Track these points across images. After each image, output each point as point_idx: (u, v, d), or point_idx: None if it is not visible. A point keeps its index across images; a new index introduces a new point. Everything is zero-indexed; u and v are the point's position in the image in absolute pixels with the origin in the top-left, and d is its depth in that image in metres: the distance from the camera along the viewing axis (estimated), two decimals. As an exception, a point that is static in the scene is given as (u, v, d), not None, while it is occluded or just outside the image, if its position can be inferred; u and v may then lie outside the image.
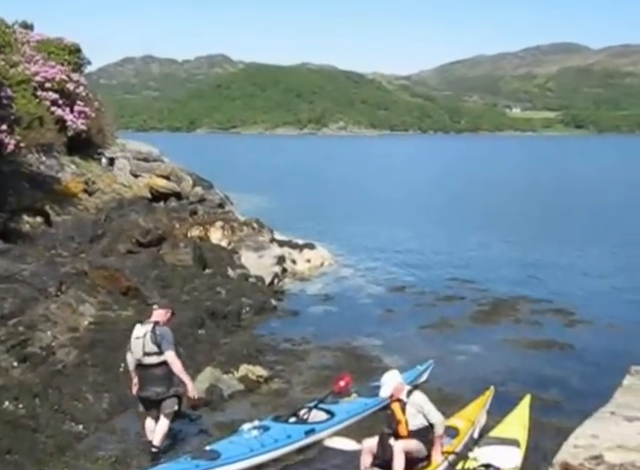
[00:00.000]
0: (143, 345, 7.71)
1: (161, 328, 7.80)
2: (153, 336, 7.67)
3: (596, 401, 7.27)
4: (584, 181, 55.33)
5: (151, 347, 7.69)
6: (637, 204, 38.03)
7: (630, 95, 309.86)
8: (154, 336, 7.67)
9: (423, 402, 7.26)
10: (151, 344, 7.68)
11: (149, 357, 7.71)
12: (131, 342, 7.90)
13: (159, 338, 7.67)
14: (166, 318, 8.03)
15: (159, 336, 7.68)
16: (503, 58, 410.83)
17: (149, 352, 7.70)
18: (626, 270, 20.04)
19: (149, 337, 7.69)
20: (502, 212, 34.25)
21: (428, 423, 7.26)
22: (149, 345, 7.69)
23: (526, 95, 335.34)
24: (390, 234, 26.61)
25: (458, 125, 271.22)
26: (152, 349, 7.69)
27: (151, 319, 7.99)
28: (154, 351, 7.69)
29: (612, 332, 13.89)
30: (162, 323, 7.90)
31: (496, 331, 13.90)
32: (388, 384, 7.26)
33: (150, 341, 7.68)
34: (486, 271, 19.70)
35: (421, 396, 7.32)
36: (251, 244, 18.32)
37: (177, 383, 7.98)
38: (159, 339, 7.66)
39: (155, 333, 7.69)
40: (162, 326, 7.86)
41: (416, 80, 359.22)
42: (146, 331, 7.75)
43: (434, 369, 10.77)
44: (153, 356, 7.70)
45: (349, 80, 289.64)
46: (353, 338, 13.03)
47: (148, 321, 7.95)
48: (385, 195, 42.18)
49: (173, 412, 7.98)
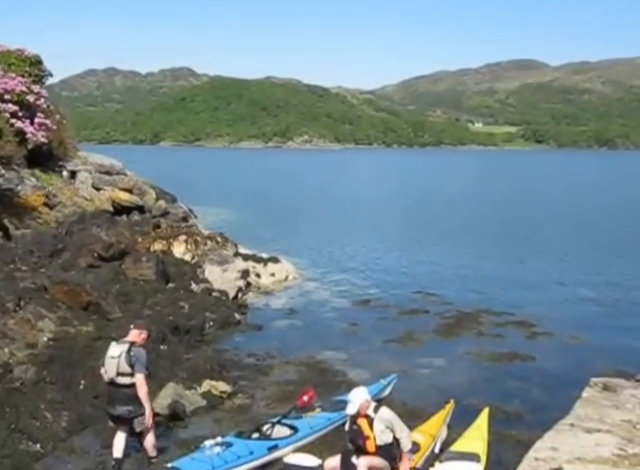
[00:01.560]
0: (117, 365, 7.68)
1: (137, 349, 7.77)
2: (128, 357, 7.65)
3: (556, 413, 7.40)
4: (543, 195, 56.36)
5: (125, 368, 7.66)
6: (596, 217, 38.87)
7: (587, 111, 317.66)
8: (129, 357, 7.65)
9: (391, 418, 7.26)
10: (126, 365, 7.65)
11: (122, 377, 7.68)
12: (105, 360, 7.85)
13: (133, 359, 7.65)
14: (142, 338, 7.99)
15: (133, 357, 7.66)
16: (465, 74, 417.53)
17: (123, 372, 7.67)
18: (587, 282, 20.40)
19: (124, 358, 7.66)
20: (464, 225, 34.62)
21: (394, 439, 7.25)
22: (123, 366, 7.66)
23: (488, 110, 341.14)
24: (354, 247, 26.70)
25: (422, 139, 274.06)
26: (126, 370, 7.66)
27: (127, 338, 7.92)
28: (128, 372, 7.66)
29: (573, 344, 14.10)
30: (138, 344, 7.87)
31: (459, 344, 14.00)
32: (355, 401, 7.23)
33: (125, 362, 7.65)
34: (450, 284, 19.86)
35: (389, 412, 7.31)
36: (215, 258, 18.19)
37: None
38: (133, 360, 7.64)
39: (130, 354, 7.66)
40: (138, 347, 7.82)
41: (380, 95, 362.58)
42: (121, 352, 7.71)
43: (397, 383, 10.79)
44: (127, 377, 7.67)
45: (314, 94, 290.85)
46: (317, 352, 13.00)
47: (123, 340, 7.89)
48: (349, 209, 42.36)
49: (150, 428, 7.99)
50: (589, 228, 33.64)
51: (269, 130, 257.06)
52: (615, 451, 5.95)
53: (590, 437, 6.32)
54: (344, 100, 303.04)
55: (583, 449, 6.03)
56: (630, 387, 8.00)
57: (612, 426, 6.57)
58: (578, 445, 6.15)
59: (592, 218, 38.31)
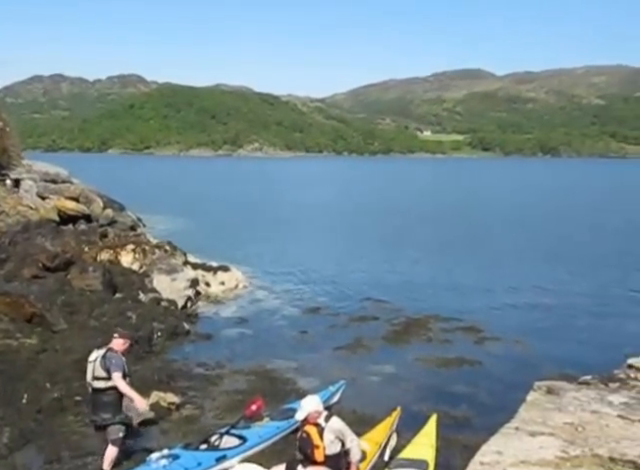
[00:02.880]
0: (93, 369, 7.86)
1: (113, 354, 7.89)
2: (103, 361, 7.80)
3: (503, 417, 7.51)
4: (490, 202, 57.40)
5: (100, 372, 7.80)
6: (541, 223, 39.78)
7: (532, 119, 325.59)
8: (104, 361, 7.79)
9: (342, 428, 7.24)
10: (100, 369, 7.79)
11: (98, 381, 7.82)
12: (87, 365, 8.04)
13: (108, 363, 7.78)
14: (123, 347, 8.14)
15: (108, 361, 7.79)
16: (414, 82, 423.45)
17: (98, 376, 7.81)
18: (532, 287, 20.84)
19: (99, 362, 7.82)
20: (413, 233, 35.00)
21: (343, 449, 7.24)
22: (98, 370, 7.81)
23: (436, 118, 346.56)
24: (305, 255, 26.73)
25: (371, 147, 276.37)
26: (101, 374, 7.80)
27: (108, 345, 8.06)
28: (102, 376, 7.79)
29: (518, 348, 14.37)
30: (116, 350, 7.99)
31: (408, 350, 14.13)
32: (305, 407, 7.20)
33: (99, 366, 7.80)
34: (399, 291, 20.03)
35: (339, 422, 7.29)
36: (163, 267, 17.96)
37: (125, 410, 8.07)
38: (108, 364, 7.77)
39: (105, 358, 7.81)
40: (115, 353, 7.94)
41: (330, 103, 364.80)
42: (98, 356, 7.88)
43: (346, 390, 10.80)
44: (101, 381, 7.80)
45: (264, 102, 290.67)
46: (267, 361, 12.94)
47: (104, 346, 8.05)
48: (299, 217, 42.41)
49: (119, 439, 8.02)
50: (535, 235, 34.40)
51: (219, 138, 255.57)
52: (558, 453, 6.08)
53: (534, 440, 6.45)
54: (294, 108, 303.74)
55: (527, 452, 6.15)
56: (572, 390, 8.20)
57: (555, 429, 6.71)
58: (522, 448, 6.26)
59: (537, 225, 39.19)
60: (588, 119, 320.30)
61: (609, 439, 6.40)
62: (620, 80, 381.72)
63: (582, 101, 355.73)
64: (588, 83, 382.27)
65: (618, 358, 12.21)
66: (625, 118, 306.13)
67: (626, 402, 7.60)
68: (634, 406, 7.46)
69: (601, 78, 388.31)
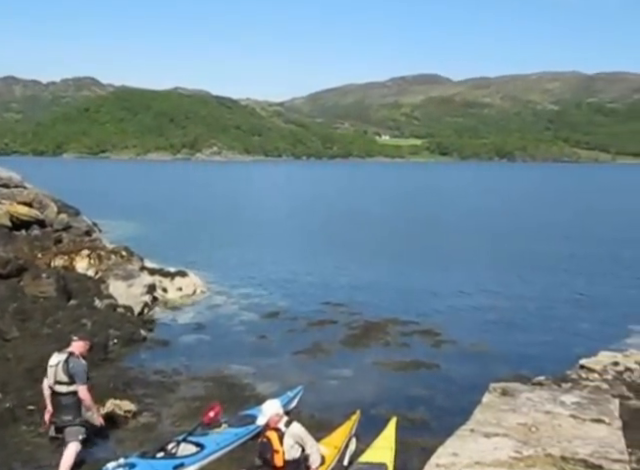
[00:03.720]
0: (55, 373, 7.96)
1: (75, 360, 8.00)
2: (65, 366, 7.92)
3: (460, 418, 7.59)
4: (445, 205, 58.16)
5: (62, 376, 7.93)
6: (498, 227, 40.40)
7: (488, 124, 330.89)
8: (66, 366, 7.91)
9: (302, 433, 7.24)
10: (62, 374, 7.92)
11: (60, 386, 7.95)
12: (47, 369, 8.12)
13: (71, 369, 7.91)
14: (84, 350, 8.27)
15: (71, 368, 7.92)
16: (372, 87, 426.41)
17: (60, 381, 7.94)
18: (488, 290, 21.15)
19: (61, 367, 7.93)
20: (372, 237, 35.23)
21: (302, 454, 7.23)
22: (60, 374, 7.93)
23: (394, 123, 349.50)
24: (263, 260, 26.65)
25: (330, 151, 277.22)
26: (62, 378, 7.93)
27: (68, 349, 8.14)
28: (64, 381, 7.93)
29: (475, 350, 14.57)
30: (78, 354, 8.10)
31: (366, 354, 14.20)
32: (267, 412, 7.18)
33: (61, 370, 7.92)
34: (357, 295, 20.11)
35: (300, 427, 7.29)
36: (120, 273, 17.69)
37: (84, 413, 8.20)
38: (71, 370, 7.91)
39: (68, 363, 7.93)
40: (77, 357, 8.05)
41: (289, 107, 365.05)
42: (59, 360, 7.98)
43: (304, 395, 10.81)
44: (63, 385, 7.94)
45: (222, 106, 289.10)
46: (225, 367, 12.87)
47: (64, 351, 8.13)
48: (258, 221, 42.27)
49: (78, 441, 8.06)
50: (491, 238, 34.90)
51: (177, 142, 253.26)
52: (511, 454, 6.17)
53: (488, 441, 6.53)
54: (253, 112, 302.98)
55: (482, 453, 6.23)
56: (526, 391, 8.33)
57: (509, 430, 6.81)
58: (477, 449, 6.34)
59: (494, 228, 39.78)
60: (542, 124, 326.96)
61: (561, 439, 6.52)
62: (573, 86, 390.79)
63: (536, 107, 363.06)
64: (542, 89, 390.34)
65: (571, 359, 12.54)
66: (578, 123, 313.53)
67: (578, 402, 7.75)
68: (586, 406, 7.62)
69: (555, 84, 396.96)
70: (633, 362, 12.43)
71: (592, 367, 11.85)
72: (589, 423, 7.03)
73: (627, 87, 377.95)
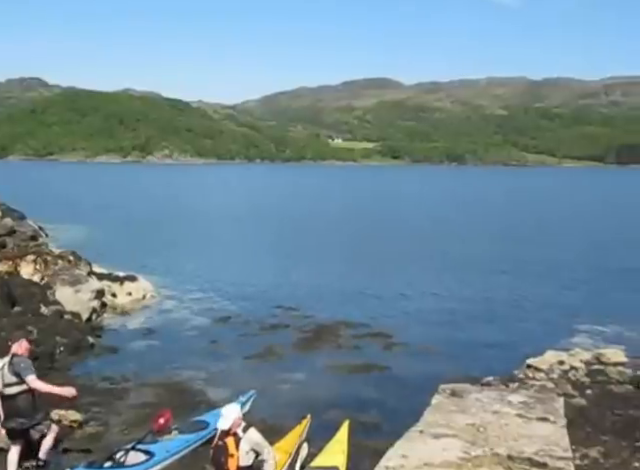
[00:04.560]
0: (2, 377, 7.85)
1: (18, 358, 7.95)
2: (11, 367, 7.85)
3: (411, 420, 7.65)
4: (397, 209, 58.68)
5: (10, 378, 7.84)
6: (450, 230, 40.95)
7: (439, 128, 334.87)
8: (12, 367, 7.85)
9: (259, 440, 7.17)
10: (10, 375, 7.83)
11: (10, 388, 7.84)
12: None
13: (16, 367, 7.84)
14: (24, 348, 8.16)
15: (16, 365, 7.86)
16: (324, 90, 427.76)
17: (9, 383, 7.84)
18: (438, 293, 21.44)
19: (7, 369, 7.86)
20: (323, 240, 35.32)
21: (256, 461, 7.17)
22: (8, 376, 7.84)
23: (346, 126, 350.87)
24: (215, 264, 26.46)
25: (283, 154, 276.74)
26: (11, 380, 7.84)
27: (11, 352, 8.10)
28: (13, 381, 7.83)
29: (425, 352, 14.74)
30: (21, 353, 8.04)
31: (318, 357, 14.22)
32: (229, 416, 7.08)
33: (8, 372, 7.84)
34: (309, 298, 20.14)
35: (256, 434, 7.22)
36: (67, 278, 17.30)
37: (41, 410, 8.23)
38: (16, 368, 7.84)
39: (12, 364, 7.87)
40: (20, 356, 7.99)
41: (241, 109, 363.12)
42: (3, 364, 7.92)
43: (256, 399, 10.74)
44: (14, 386, 7.83)
45: (174, 108, 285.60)
46: (175, 373, 12.72)
47: (7, 355, 8.07)
48: (209, 225, 41.95)
49: (51, 430, 8.13)
50: (440, 241, 35.36)
51: (127, 144, 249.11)
52: (460, 455, 6.25)
53: (437, 442, 6.60)
54: (205, 114, 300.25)
55: (431, 454, 6.29)
56: (475, 392, 8.45)
57: (458, 430, 6.89)
58: (426, 451, 6.40)
59: (443, 232, 40.31)
60: (492, 129, 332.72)
61: (508, 438, 6.63)
62: (520, 92, 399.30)
63: (486, 111, 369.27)
64: (491, 94, 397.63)
65: (518, 359, 12.78)
66: (525, 128, 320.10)
67: (524, 401, 7.90)
68: (532, 405, 7.76)
69: (503, 89, 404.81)
70: (578, 361, 12.74)
71: (539, 366, 12.10)
72: (535, 422, 7.17)
73: (571, 93, 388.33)
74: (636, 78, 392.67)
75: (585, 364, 12.58)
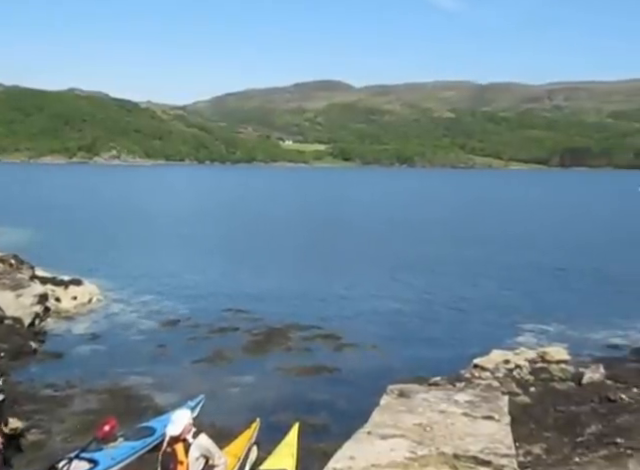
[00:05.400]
0: None
1: None
2: None
3: (361, 421, 7.68)
4: (347, 210, 58.94)
5: None
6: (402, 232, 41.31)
7: (389, 131, 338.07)
8: None
9: (209, 446, 7.06)
10: None
11: None
12: None
13: None
14: None
15: None
16: (275, 92, 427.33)
17: None
18: (388, 294, 21.60)
19: None
20: (274, 242, 35.22)
21: (206, 466, 7.07)
22: None
23: (297, 128, 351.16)
24: (163, 267, 26.08)
25: (234, 156, 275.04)
26: None
27: None
28: None
29: (375, 353, 14.83)
30: None
31: (268, 360, 14.16)
32: (179, 422, 6.95)
33: None
34: (259, 301, 20.03)
35: (207, 439, 7.11)
36: (7, 282, 16.83)
37: None
38: None
39: None
40: None
41: (191, 110, 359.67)
42: None
43: (206, 404, 10.63)
44: None
45: (122, 108, 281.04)
46: (122, 378, 12.49)
47: None
48: (157, 227, 41.38)
49: None
50: (391, 243, 35.65)
51: (73, 145, 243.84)
52: (407, 454, 6.30)
53: (385, 443, 6.65)
54: (154, 115, 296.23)
55: (378, 455, 6.33)
56: (422, 392, 8.54)
57: (405, 430, 6.95)
58: (374, 452, 6.43)
59: (393, 233, 40.66)
60: (440, 131, 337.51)
61: (454, 437, 6.72)
62: (467, 95, 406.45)
63: (434, 114, 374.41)
64: (438, 97, 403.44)
65: (465, 358, 12.97)
66: (473, 131, 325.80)
67: (470, 400, 8.02)
68: (477, 404, 7.89)
69: (450, 93, 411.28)
70: (523, 359, 13.00)
71: (485, 366, 12.30)
72: (480, 420, 7.28)
73: (516, 97, 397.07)
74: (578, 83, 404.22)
75: (529, 362, 12.84)
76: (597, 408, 9.70)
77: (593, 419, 9.11)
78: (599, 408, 9.68)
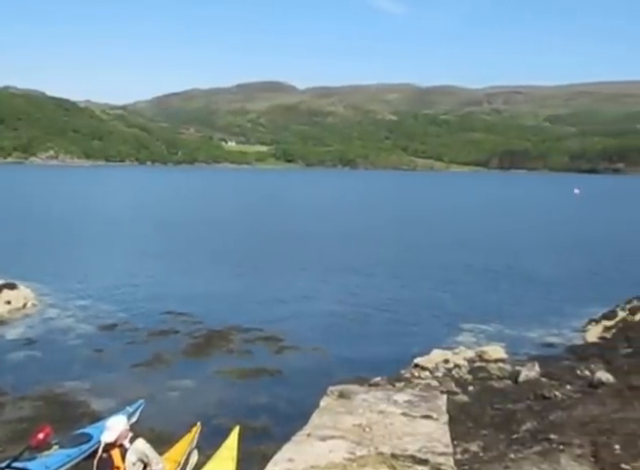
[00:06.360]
0: None
1: None
2: None
3: (301, 423, 7.66)
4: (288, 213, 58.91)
5: None
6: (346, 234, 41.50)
7: (332, 133, 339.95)
8: None
9: (147, 450, 6.97)
10: None
11: None
12: None
13: None
14: None
15: None
16: (217, 93, 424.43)
17: None
18: (327, 296, 21.68)
19: None
20: (212, 243, 34.89)
21: None
22: None
23: (240, 129, 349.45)
24: (101, 270, 25.55)
25: (176, 156, 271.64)
26: None
27: None
28: None
29: (316, 355, 14.87)
30: None
31: (209, 363, 14.03)
32: (114, 428, 6.83)
33: None
34: (200, 304, 19.81)
35: (144, 444, 7.01)
36: (-64, 287, 16.21)
37: None
38: None
39: None
40: None
41: (132, 110, 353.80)
42: None
43: (145, 408, 10.47)
44: None
45: (59, 107, 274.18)
46: (57, 384, 12.17)
47: None
48: (95, 229, 40.44)
49: None
50: (330, 245, 35.72)
51: (8, 144, 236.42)
52: (346, 455, 6.31)
53: (324, 444, 6.64)
54: (93, 115, 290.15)
55: (317, 457, 6.31)
56: (362, 392, 8.58)
57: (345, 432, 6.96)
58: (313, 453, 6.42)
59: (334, 235, 40.75)
60: (382, 133, 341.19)
61: (393, 437, 6.77)
62: (409, 98, 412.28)
63: (377, 116, 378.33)
64: (381, 99, 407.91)
65: (406, 359, 13.15)
66: (415, 134, 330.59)
67: (409, 400, 8.09)
68: (416, 403, 7.96)
69: (393, 95, 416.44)
70: (462, 359, 13.27)
71: (425, 365, 12.50)
72: (419, 420, 7.35)
73: (457, 100, 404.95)
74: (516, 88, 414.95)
75: (468, 362, 13.12)
76: (532, 405, 9.95)
77: (528, 416, 9.34)
78: (534, 405, 9.94)
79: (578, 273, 27.00)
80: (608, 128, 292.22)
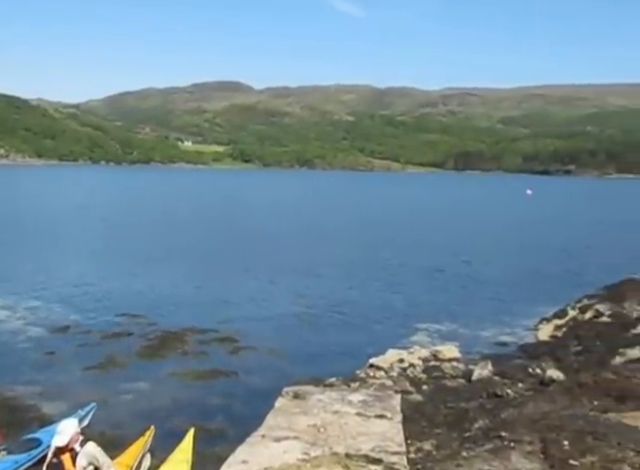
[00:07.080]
0: None
1: None
2: None
3: (256, 425, 7.63)
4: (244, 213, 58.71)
5: None
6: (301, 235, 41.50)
7: (289, 133, 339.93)
8: None
9: (97, 453, 6.86)
10: None
11: None
12: None
13: None
14: None
15: None
16: (173, 92, 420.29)
17: None
18: (283, 297, 21.64)
19: None
20: (170, 244, 34.52)
21: None
22: None
23: (197, 129, 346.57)
24: (53, 271, 25.03)
25: (130, 156, 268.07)
26: None
27: None
28: None
29: (272, 356, 14.82)
30: None
31: (163, 365, 13.87)
32: (65, 432, 6.71)
33: None
34: (155, 305, 19.59)
35: (95, 447, 6.90)
36: None
37: None
38: None
39: None
40: None
41: (85, 109, 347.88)
42: None
43: (97, 412, 10.29)
44: None
45: (10, 105, 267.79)
46: (5, 388, 11.89)
47: None
48: (45, 229, 39.62)
49: None
50: (288, 247, 35.62)
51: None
52: (300, 456, 6.31)
53: (278, 445, 6.63)
54: (45, 113, 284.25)
55: (271, 458, 6.30)
56: (317, 393, 8.59)
57: (299, 432, 6.96)
58: (267, 455, 6.40)
59: (291, 237, 40.70)
60: (340, 134, 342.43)
61: (347, 436, 6.79)
62: (366, 99, 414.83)
63: (334, 117, 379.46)
64: (338, 100, 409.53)
65: (361, 359, 13.21)
66: (372, 134, 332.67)
67: (364, 400, 8.13)
68: (371, 403, 8.01)
69: (350, 96, 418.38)
70: (416, 358, 13.38)
71: (380, 365, 12.56)
72: (373, 419, 7.40)
73: (414, 102, 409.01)
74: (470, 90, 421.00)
75: (423, 361, 13.24)
76: (485, 403, 10.08)
77: (481, 414, 9.45)
78: (487, 403, 10.07)
79: (529, 273, 27.49)
80: (560, 130, 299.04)
